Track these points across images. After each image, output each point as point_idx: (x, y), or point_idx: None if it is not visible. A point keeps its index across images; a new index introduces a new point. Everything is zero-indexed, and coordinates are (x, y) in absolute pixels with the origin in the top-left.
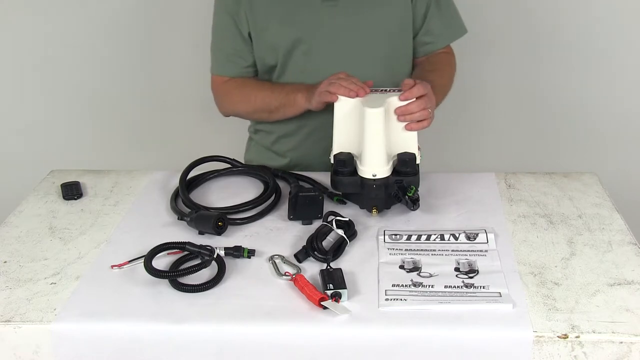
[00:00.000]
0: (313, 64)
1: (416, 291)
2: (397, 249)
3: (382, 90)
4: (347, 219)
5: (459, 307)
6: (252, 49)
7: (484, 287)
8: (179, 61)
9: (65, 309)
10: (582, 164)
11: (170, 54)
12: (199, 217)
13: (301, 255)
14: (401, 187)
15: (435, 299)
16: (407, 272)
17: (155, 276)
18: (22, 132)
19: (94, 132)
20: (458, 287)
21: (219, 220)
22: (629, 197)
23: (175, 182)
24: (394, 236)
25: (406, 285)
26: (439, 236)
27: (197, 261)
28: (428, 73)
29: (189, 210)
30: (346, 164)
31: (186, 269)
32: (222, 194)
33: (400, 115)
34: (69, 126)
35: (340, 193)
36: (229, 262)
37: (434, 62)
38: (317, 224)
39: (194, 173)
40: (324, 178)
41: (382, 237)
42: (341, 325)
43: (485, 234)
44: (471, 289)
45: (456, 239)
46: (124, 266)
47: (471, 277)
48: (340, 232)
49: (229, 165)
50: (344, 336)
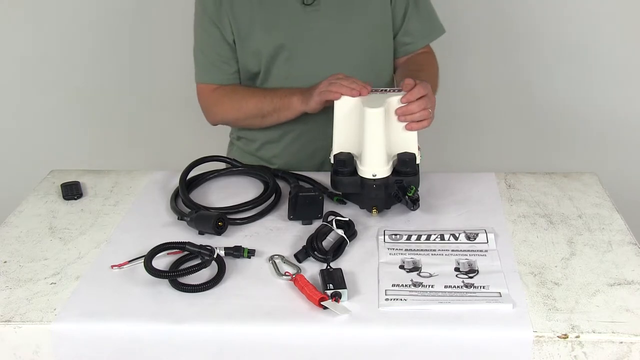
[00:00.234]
0: (296, 69)
1: (416, 291)
2: (397, 249)
3: (382, 90)
4: (347, 219)
5: (459, 307)
6: (236, 54)
7: (484, 287)
8: (179, 61)
9: (65, 309)
10: (582, 164)
11: (170, 54)
12: (199, 217)
13: (301, 255)
14: (401, 187)
15: (435, 299)
16: (407, 272)
17: (155, 276)
18: (22, 132)
19: (93, 132)
20: (458, 287)
21: (219, 220)
22: (629, 197)
23: (175, 182)
24: (394, 236)
25: (406, 285)
26: (439, 236)
27: (197, 261)
28: (415, 73)
29: (189, 210)
30: (346, 164)
31: (186, 269)
32: (222, 194)
33: (401, 115)
34: (68, 126)
35: (340, 193)
36: (229, 262)
37: (418, 62)
38: (317, 224)
39: (194, 173)
40: (324, 178)
41: (382, 237)
42: (341, 325)
43: (485, 234)
44: (471, 289)
45: (456, 239)
46: (124, 266)
47: (471, 277)
48: (340, 232)
49: (229, 165)
50: (344, 336)
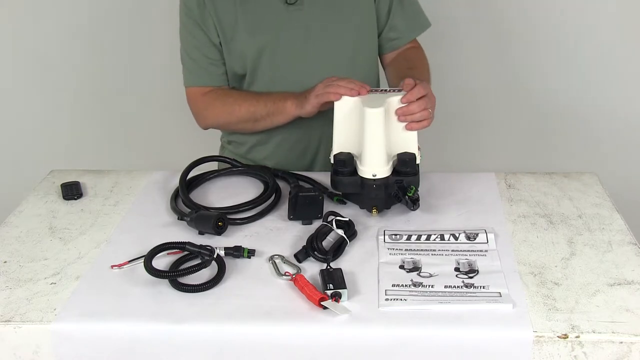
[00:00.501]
0: (281, 69)
1: (416, 291)
2: (397, 249)
3: (382, 90)
4: (347, 219)
5: (459, 307)
6: (223, 56)
7: (484, 287)
8: (179, 61)
9: (65, 309)
10: (582, 164)
11: (170, 54)
12: (199, 217)
13: (301, 255)
14: (401, 187)
15: (435, 299)
16: (407, 272)
17: (155, 276)
18: (22, 132)
19: (93, 132)
20: (458, 287)
21: (219, 220)
22: (629, 197)
23: (175, 182)
24: (394, 236)
25: (406, 285)
26: (439, 236)
27: (197, 261)
28: (408, 71)
29: (189, 210)
30: (346, 164)
31: (186, 269)
32: (222, 194)
33: (401, 115)
34: (68, 126)
35: (340, 193)
36: (229, 262)
37: (408, 58)
38: (317, 224)
39: (194, 173)
40: (324, 178)
41: (382, 237)
42: (341, 325)
43: (485, 234)
44: (471, 289)
45: (456, 239)
46: (124, 266)
47: (471, 277)
48: (340, 232)
49: (228, 165)
50: (344, 336)
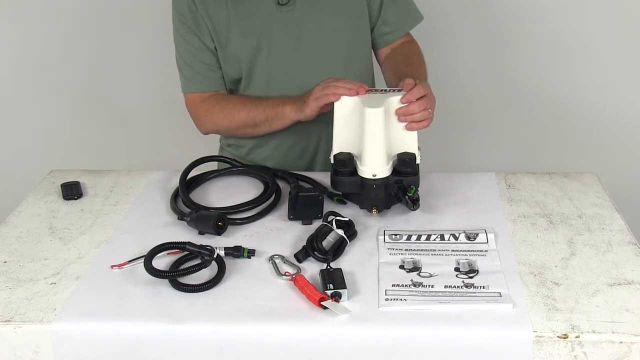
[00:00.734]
0: (276, 71)
1: (416, 291)
2: (397, 249)
3: (382, 90)
4: (347, 219)
5: (459, 307)
6: (219, 60)
7: (484, 287)
8: None
9: (65, 309)
10: (582, 164)
11: (170, 53)
12: (199, 217)
13: (301, 255)
14: (401, 187)
15: (435, 299)
16: (407, 272)
17: (155, 276)
18: (22, 132)
19: (93, 132)
20: (458, 287)
21: (219, 220)
22: (629, 197)
23: (175, 182)
24: (394, 236)
25: (406, 285)
26: (439, 236)
27: (197, 261)
28: (405, 67)
29: (189, 210)
30: (346, 164)
31: (186, 269)
32: (222, 194)
33: (402, 115)
34: (68, 126)
35: (340, 193)
36: (229, 262)
37: (404, 54)
38: (317, 224)
39: (194, 173)
40: (324, 178)
41: (382, 237)
42: (341, 325)
43: (485, 234)
44: (471, 289)
45: (456, 239)
46: (124, 266)
47: (471, 277)
48: (340, 232)
49: (228, 165)
50: (344, 336)
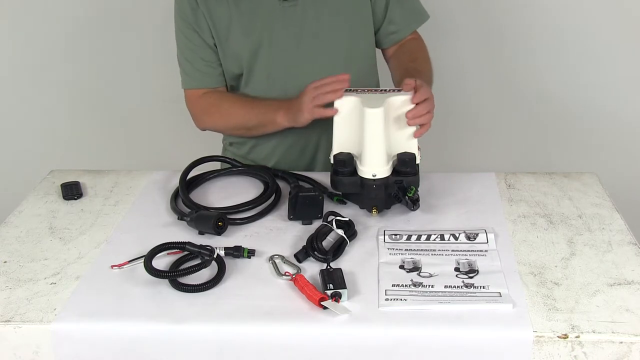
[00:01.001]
0: (278, 68)
1: (416, 291)
2: (397, 249)
3: (382, 90)
4: (347, 219)
5: (459, 307)
6: (219, 57)
7: (484, 287)
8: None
9: (65, 309)
10: (582, 164)
11: (170, 53)
12: (199, 217)
13: (301, 255)
14: (401, 187)
15: (435, 299)
16: (407, 272)
17: (155, 276)
18: (22, 132)
19: (93, 132)
20: (458, 287)
21: (219, 220)
22: (629, 197)
23: (175, 182)
24: (394, 236)
25: (406, 285)
26: (439, 236)
27: (197, 261)
28: (410, 63)
29: (189, 210)
30: (346, 164)
31: (186, 269)
32: (222, 194)
33: (411, 118)
34: (68, 126)
35: (340, 193)
36: (229, 262)
37: (410, 50)
38: (317, 224)
39: (194, 173)
40: (324, 178)
41: (382, 237)
42: (341, 325)
43: (485, 234)
44: (471, 289)
45: (456, 239)
46: (124, 266)
47: (471, 277)
48: (340, 232)
49: (228, 165)
50: (344, 336)
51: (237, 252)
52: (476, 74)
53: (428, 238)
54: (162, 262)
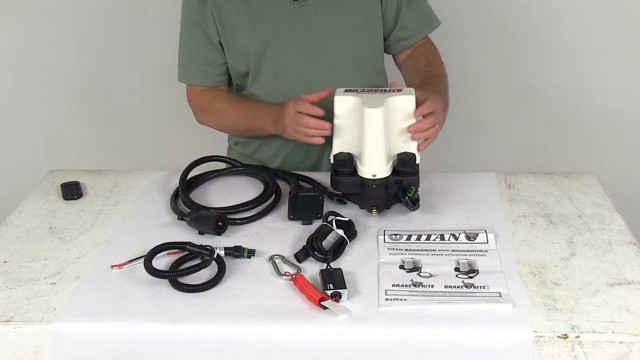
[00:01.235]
0: (285, 67)
1: (416, 291)
2: (397, 249)
3: (382, 90)
4: (347, 219)
5: (459, 307)
6: (223, 56)
7: (484, 287)
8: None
9: (65, 309)
10: (582, 164)
11: (171, 53)
12: (199, 217)
13: (301, 255)
14: (401, 187)
15: (435, 299)
16: (407, 272)
17: (155, 276)
18: (22, 132)
19: (93, 132)
20: (458, 287)
21: (219, 220)
22: (629, 197)
23: (175, 182)
24: (394, 236)
25: (406, 285)
26: (439, 236)
27: (197, 261)
28: (427, 68)
29: (189, 210)
30: (346, 164)
31: (186, 269)
32: (222, 194)
33: (414, 132)
34: (68, 126)
35: (340, 193)
36: (229, 262)
37: (424, 54)
38: (317, 224)
39: (194, 173)
40: (324, 178)
41: (382, 237)
42: (341, 325)
43: (485, 234)
44: (471, 289)
45: (456, 239)
46: (124, 266)
47: (471, 277)
48: (340, 232)
49: (228, 165)
50: (344, 336)
51: (237, 252)
52: (476, 75)
53: (428, 238)
54: (162, 262)
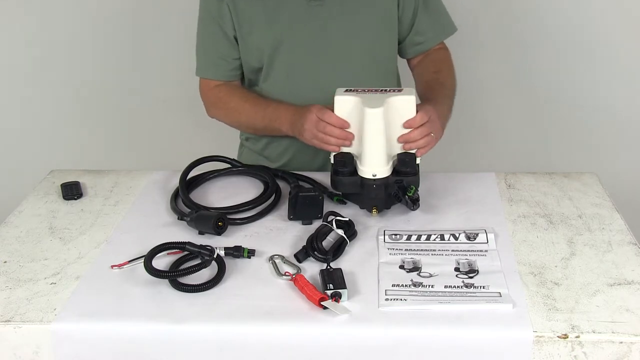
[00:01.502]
0: (298, 64)
1: (416, 291)
2: (397, 249)
3: (382, 90)
4: (347, 219)
5: (459, 307)
6: (238, 51)
7: (484, 287)
8: (180, 61)
9: (65, 309)
10: (582, 164)
11: (171, 53)
12: (199, 217)
13: (301, 255)
14: (401, 187)
15: (435, 299)
16: (407, 272)
17: (155, 276)
18: (22, 132)
19: (93, 132)
20: (458, 287)
21: (219, 220)
22: (629, 197)
23: (175, 182)
24: (394, 236)
25: (406, 285)
26: (439, 236)
27: (197, 261)
28: (434, 74)
29: (189, 210)
30: (346, 164)
31: (186, 269)
32: (222, 194)
33: (405, 143)
34: (68, 126)
35: (340, 193)
36: (229, 262)
37: (434, 60)
38: (317, 224)
39: (194, 173)
40: (324, 178)
41: (382, 237)
42: (341, 325)
43: (485, 234)
44: (471, 289)
45: (456, 239)
46: (124, 266)
47: (471, 277)
48: (340, 232)
49: (228, 165)
50: (344, 336)
51: (237, 252)
52: (475, 75)
53: (428, 238)
54: (162, 262)
